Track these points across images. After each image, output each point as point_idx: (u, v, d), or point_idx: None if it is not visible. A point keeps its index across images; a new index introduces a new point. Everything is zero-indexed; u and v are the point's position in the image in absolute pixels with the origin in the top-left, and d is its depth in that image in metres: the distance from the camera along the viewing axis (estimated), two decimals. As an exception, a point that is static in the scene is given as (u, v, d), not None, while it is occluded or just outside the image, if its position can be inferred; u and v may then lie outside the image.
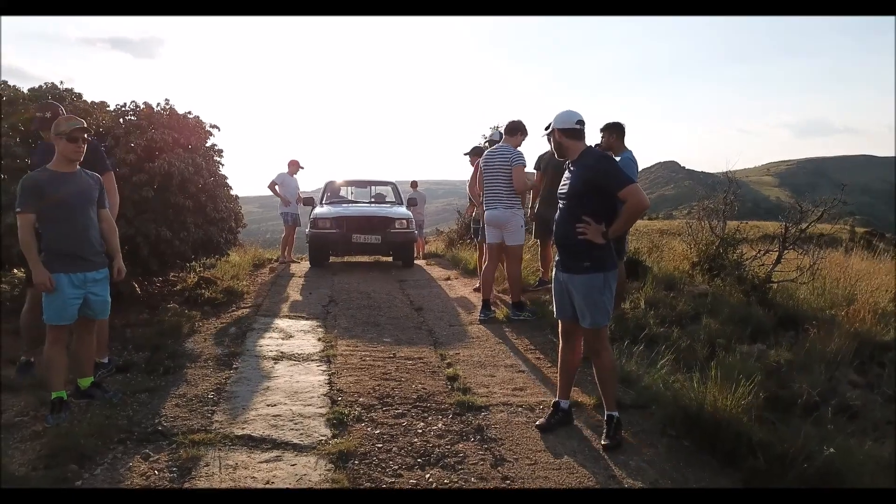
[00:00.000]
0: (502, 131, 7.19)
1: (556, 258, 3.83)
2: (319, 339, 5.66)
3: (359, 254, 10.89)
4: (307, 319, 6.48)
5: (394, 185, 12.39)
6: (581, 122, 3.70)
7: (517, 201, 6.37)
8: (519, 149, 6.42)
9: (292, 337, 5.76)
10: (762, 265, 6.52)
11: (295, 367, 4.87)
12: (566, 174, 3.77)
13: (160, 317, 6.15)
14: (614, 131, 6.23)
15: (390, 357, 5.16)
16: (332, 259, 10.86)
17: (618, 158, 6.26)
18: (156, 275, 7.24)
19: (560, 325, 3.89)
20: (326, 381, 4.52)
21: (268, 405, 4.05)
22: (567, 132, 3.70)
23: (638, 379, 4.42)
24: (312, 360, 5.03)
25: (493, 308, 6.53)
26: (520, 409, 4.11)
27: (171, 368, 4.67)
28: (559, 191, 3.79)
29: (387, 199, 12.25)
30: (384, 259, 11.37)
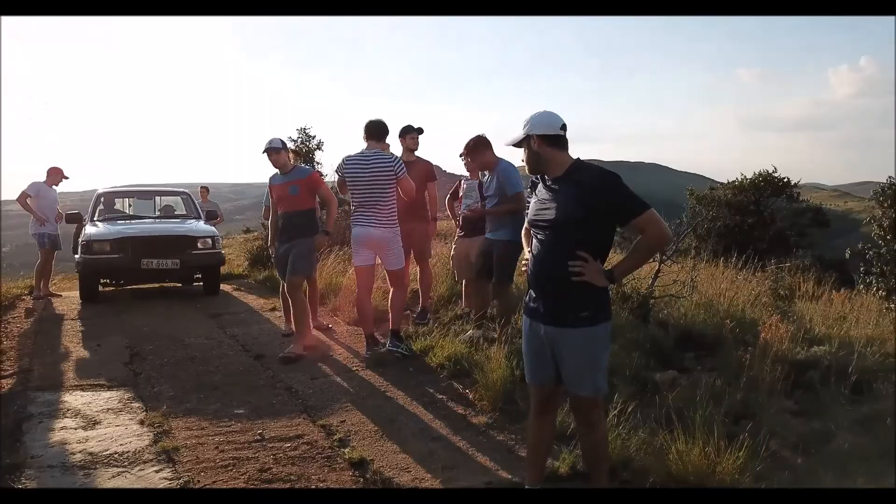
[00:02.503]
0: (282, 139, 5.85)
1: (529, 303, 2.91)
2: (142, 423, 4.04)
3: (150, 282, 8.84)
4: (110, 389, 4.72)
5: (187, 195, 10.40)
6: (565, 128, 2.82)
7: (396, 219, 5.37)
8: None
9: (98, 423, 4.05)
10: (634, 278, 6.26)
11: (122, 478, 3.29)
12: (541, 194, 2.85)
13: None
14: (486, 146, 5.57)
15: (257, 440, 3.79)
16: (102, 289, 8.63)
17: (487, 175, 5.61)
18: None
19: (534, 393, 2.98)
20: (183, 501, 3.07)
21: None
22: (550, 140, 2.78)
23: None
24: (147, 463, 3.46)
25: (380, 340, 5.58)
26: (469, 501, 3.11)
27: None
28: (533, 217, 2.87)
29: (177, 213, 10.21)
30: (171, 284, 9.37)
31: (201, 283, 8.96)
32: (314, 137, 12.51)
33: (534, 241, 2.88)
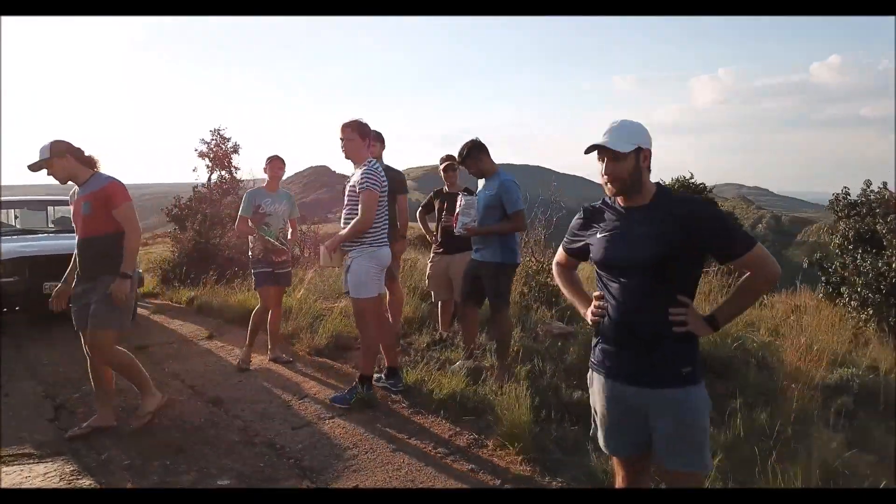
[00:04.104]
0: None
1: (605, 360, 2.38)
2: (103, 509, 3.18)
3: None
4: (42, 460, 3.73)
5: (88, 205, 9.02)
6: None
7: None
8: None
9: (43, 514, 3.14)
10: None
11: None
12: (613, 226, 2.33)
13: None
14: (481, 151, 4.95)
15: (263, 523, 3.06)
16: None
17: (482, 184, 5.06)
18: None
19: (619, 465, 2.47)
20: None
21: None
22: (649, 156, 2.33)
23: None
24: (130, 574, 2.67)
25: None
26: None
27: None
28: (606, 257, 2.32)
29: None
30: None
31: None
32: (229, 140, 11.41)
33: (608, 285, 2.35)
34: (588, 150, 2.31)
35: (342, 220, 4.62)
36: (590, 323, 2.41)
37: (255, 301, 6.26)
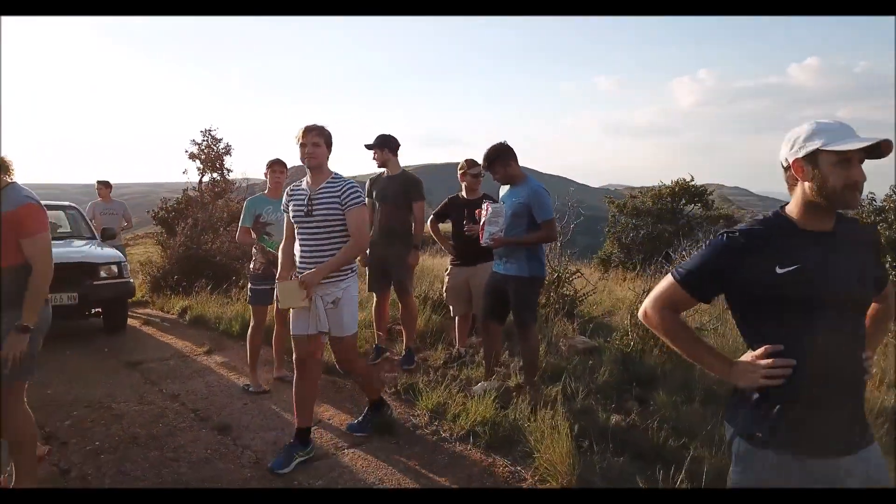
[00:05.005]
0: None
1: (790, 429, 1.78)
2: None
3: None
4: (35, 502, 3.36)
5: (76, 210, 8.58)
6: None
7: None
8: None
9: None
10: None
11: None
12: (800, 254, 1.79)
13: None
14: (510, 156, 4.62)
15: (291, 581, 2.71)
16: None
17: (505, 190, 4.74)
18: None
19: None
20: None
21: None
22: None
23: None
24: None
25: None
26: None
27: None
28: (808, 296, 1.77)
29: (61, 231, 8.38)
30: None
31: (98, 316, 7.38)
32: (221, 140, 10.96)
33: (794, 333, 1.79)
34: (874, 148, 1.73)
35: (304, 247, 3.86)
36: (756, 385, 1.82)
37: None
